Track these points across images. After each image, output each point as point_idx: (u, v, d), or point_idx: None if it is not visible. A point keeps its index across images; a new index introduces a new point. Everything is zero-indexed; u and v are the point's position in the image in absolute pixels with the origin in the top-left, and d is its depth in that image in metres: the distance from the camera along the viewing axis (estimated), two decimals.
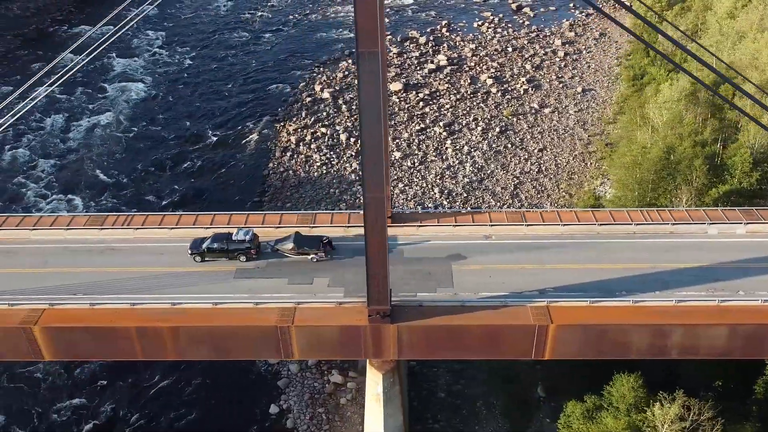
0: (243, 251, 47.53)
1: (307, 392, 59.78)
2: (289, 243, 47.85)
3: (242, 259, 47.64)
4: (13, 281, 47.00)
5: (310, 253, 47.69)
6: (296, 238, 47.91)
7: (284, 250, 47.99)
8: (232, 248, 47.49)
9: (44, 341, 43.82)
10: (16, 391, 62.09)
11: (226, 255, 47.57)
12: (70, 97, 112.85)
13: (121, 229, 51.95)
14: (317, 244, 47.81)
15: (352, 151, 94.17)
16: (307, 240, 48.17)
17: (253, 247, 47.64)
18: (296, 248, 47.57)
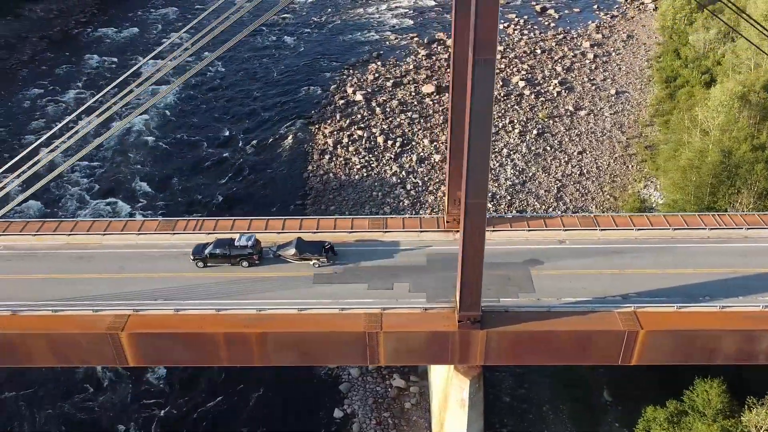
0: (245, 257, 47.59)
1: (370, 396, 59.73)
2: (291, 248, 47.91)
3: (244, 264, 47.61)
4: (92, 287, 46.92)
5: (312, 258, 47.68)
6: (298, 244, 47.96)
7: (286, 255, 48.05)
8: (235, 254, 47.53)
9: (130, 347, 43.74)
10: (83, 399, 61.98)
11: (228, 260, 47.59)
12: (101, 101, 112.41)
13: (193, 233, 51.83)
14: (319, 249, 47.83)
15: (390, 153, 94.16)
16: (309, 245, 48.17)
17: (256, 253, 47.66)
18: (298, 254, 47.66)
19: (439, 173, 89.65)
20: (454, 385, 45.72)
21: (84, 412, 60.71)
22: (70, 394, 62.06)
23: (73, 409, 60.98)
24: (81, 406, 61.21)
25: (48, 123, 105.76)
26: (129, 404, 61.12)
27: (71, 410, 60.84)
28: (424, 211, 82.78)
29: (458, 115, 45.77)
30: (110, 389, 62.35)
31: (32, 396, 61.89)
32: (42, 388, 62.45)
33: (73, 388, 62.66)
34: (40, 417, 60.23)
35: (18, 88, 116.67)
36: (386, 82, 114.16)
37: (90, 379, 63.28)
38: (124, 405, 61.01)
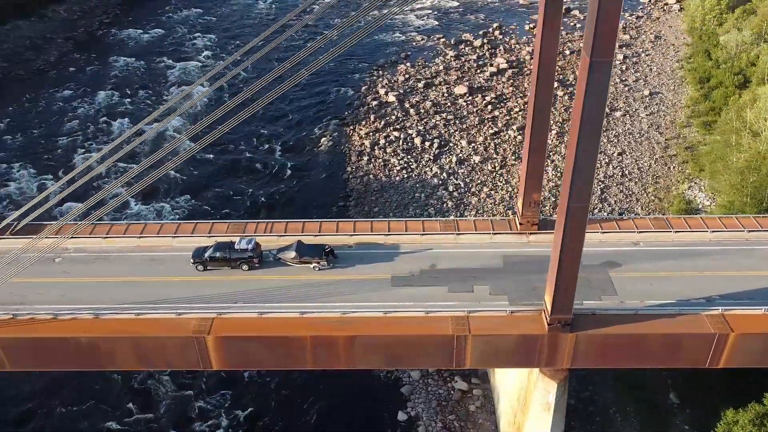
0: (245, 260, 47.76)
1: (433, 399, 59.56)
2: (291, 252, 48.14)
3: (244, 267, 47.74)
4: (170, 290, 46.75)
5: (312, 261, 47.87)
6: (298, 247, 48.16)
7: (286, 258, 48.25)
8: (235, 257, 47.67)
9: (216, 351, 43.63)
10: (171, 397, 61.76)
11: (228, 264, 47.71)
12: (132, 102, 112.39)
13: (265, 236, 51.65)
14: (319, 252, 47.98)
15: (429, 155, 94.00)
16: (309, 249, 48.36)
17: (256, 256, 47.82)
18: (298, 257, 47.83)
19: (479, 175, 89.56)
20: (538, 389, 45.60)
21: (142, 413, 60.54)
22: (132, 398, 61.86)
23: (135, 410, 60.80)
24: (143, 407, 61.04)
25: (81, 125, 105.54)
26: (190, 406, 60.87)
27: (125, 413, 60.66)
28: (469, 213, 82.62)
29: (540, 115, 45.74)
30: (169, 392, 62.08)
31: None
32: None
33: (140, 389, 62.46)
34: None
35: (48, 89, 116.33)
36: (417, 84, 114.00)
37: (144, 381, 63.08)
38: (186, 407, 60.76)
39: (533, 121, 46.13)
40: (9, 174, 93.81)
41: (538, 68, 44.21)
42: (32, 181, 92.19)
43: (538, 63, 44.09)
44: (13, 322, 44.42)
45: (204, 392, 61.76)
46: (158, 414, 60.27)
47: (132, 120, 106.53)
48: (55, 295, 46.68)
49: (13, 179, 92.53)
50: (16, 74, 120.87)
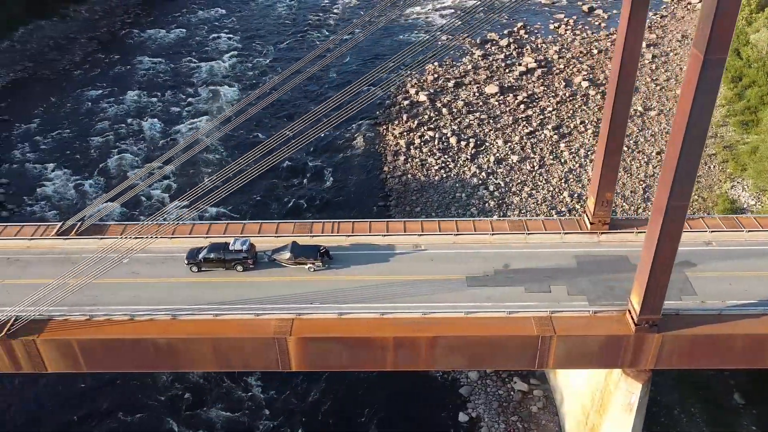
0: (240, 261, 47.48)
1: (494, 400, 59.12)
2: (287, 252, 47.83)
3: (239, 269, 47.45)
4: (242, 290, 46.31)
5: (307, 262, 47.57)
6: (293, 248, 47.88)
7: (281, 259, 47.97)
8: (229, 258, 47.36)
9: (296, 352, 43.27)
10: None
11: (222, 265, 47.41)
12: (161, 102, 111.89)
13: (333, 236, 51.25)
14: (314, 253, 47.69)
15: (466, 154, 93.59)
16: (304, 249, 48.05)
17: (250, 257, 47.53)
18: (293, 258, 47.55)
19: (519, 174, 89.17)
20: (620, 389, 45.19)
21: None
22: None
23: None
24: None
25: (111, 125, 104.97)
26: (243, 405, 60.41)
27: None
28: (512, 213, 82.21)
29: (619, 116, 45.34)
30: (223, 394, 61.64)
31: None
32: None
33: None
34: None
35: (75, 89, 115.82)
36: (447, 83, 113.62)
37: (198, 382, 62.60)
38: (239, 406, 60.31)
39: (611, 122, 45.66)
40: (44, 174, 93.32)
41: (620, 69, 43.73)
42: (68, 181, 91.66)
43: (620, 64, 43.63)
44: (90, 323, 43.93)
45: (257, 391, 61.22)
46: (216, 415, 59.81)
47: (163, 121, 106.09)
48: (126, 296, 46.26)
49: (49, 180, 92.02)
50: (42, 74, 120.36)
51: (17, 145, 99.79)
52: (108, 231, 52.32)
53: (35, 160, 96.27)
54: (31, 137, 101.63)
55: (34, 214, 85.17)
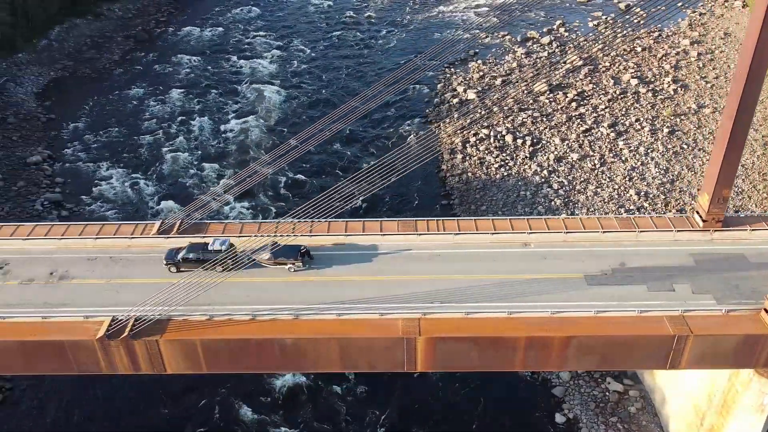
0: (219, 261, 46.35)
1: (590, 401, 58.27)
2: (267, 253, 46.91)
3: (218, 269, 46.23)
4: (356, 290, 45.40)
5: (287, 262, 46.85)
6: (273, 248, 46.90)
7: (261, 260, 47.05)
8: (208, 258, 46.31)
9: (425, 352, 42.46)
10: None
11: (201, 265, 46.27)
12: (206, 101, 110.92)
13: (438, 234, 50.43)
14: (295, 253, 46.95)
15: (524, 152, 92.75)
16: (284, 249, 47.22)
17: (230, 257, 46.39)
18: (273, 258, 46.75)
19: (580, 172, 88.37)
20: (751, 390, 44.38)
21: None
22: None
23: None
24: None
25: (159, 123, 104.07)
26: (332, 407, 59.57)
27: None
28: (579, 211, 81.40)
29: (745, 113, 44.50)
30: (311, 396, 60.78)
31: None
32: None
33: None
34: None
35: (117, 87, 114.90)
36: (494, 81, 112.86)
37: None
38: (328, 407, 59.46)
39: (736, 119, 44.79)
40: (98, 173, 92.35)
41: (750, 72, 42.82)
42: (124, 180, 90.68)
43: (750, 67, 42.71)
44: (210, 323, 43.03)
45: (346, 392, 60.37)
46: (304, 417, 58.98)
47: (212, 120, 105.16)
48: (237, 295, 45.28)
49: (104, 179, 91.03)
50: (82, 73, 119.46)
51: (67, 144, 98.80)
52: (208, 230, 51.34)
53: (87, 159, 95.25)
54: (80, 136, 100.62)
55: (93, 213, 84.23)
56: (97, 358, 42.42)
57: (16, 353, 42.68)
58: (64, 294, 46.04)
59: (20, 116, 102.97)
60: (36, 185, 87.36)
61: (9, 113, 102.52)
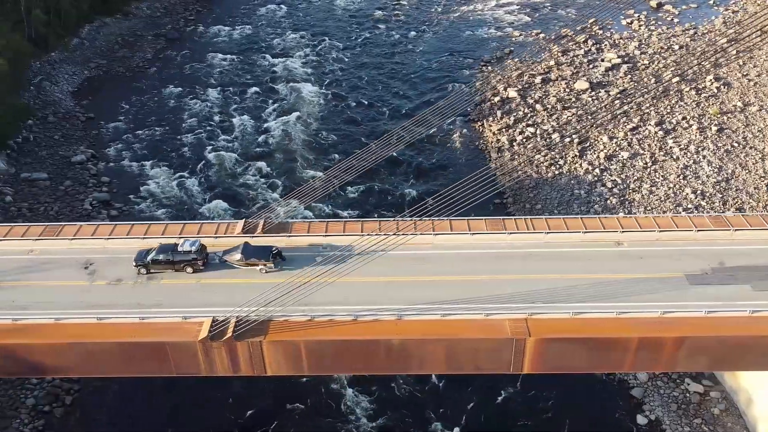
0: (189, 262, 45.93)
1: (671, 402, 57.39)
2: (237, 253, 46.32)
3: (189, 270, 45.91)
4: (442, 290, 44.43)
5: (258, 263, 46.15)
6: (245, 249, 46.43)
7: (232, 260, 46.47)
8: (178, 259, 45.82)
9: (533, 353, 41.63)
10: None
11: (172, 266, 45.93)
12: (244, 99, 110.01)
13: (527, 233, 49.61)
14: (267, 254, 46.19)
15: (573, 151, 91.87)
16: (256, 250, 46.60)
17: (200, 258, 46.01)
18: (244, 259, 46.04)
19: (632, 171, 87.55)
20: None
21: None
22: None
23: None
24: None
25: (200, 121, 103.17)
26: (393, 410, 58.77)
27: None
28: (636, 209, 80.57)
29: None
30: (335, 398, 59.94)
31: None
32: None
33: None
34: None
35: (153, 86, 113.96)
36: (533, 79, 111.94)
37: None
38: (387, 409, 58.63)
39: None
40: (143, 172, 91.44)
41: None
42: (170, 179, 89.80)
43: None
44: (312, 323, 42.12)
45: (429, 393, 59.56)
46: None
47: (252, 118, 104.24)
48: (336, 295, 44.27)
49: (150, 177, 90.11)
50: (117, 72, 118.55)
51: (109, 143, 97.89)
52: (293, 229, 50.45)
53: (131, 158, 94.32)
54: (121, 135, 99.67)
55: (142, 213, 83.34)
56: (198, 359, 41.51)
57: (115, 355, 41.81)
58: (156, 294, 45.13)
59: (59, 115, 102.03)
60: (83, 184, 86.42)
61: (48, 112, 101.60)
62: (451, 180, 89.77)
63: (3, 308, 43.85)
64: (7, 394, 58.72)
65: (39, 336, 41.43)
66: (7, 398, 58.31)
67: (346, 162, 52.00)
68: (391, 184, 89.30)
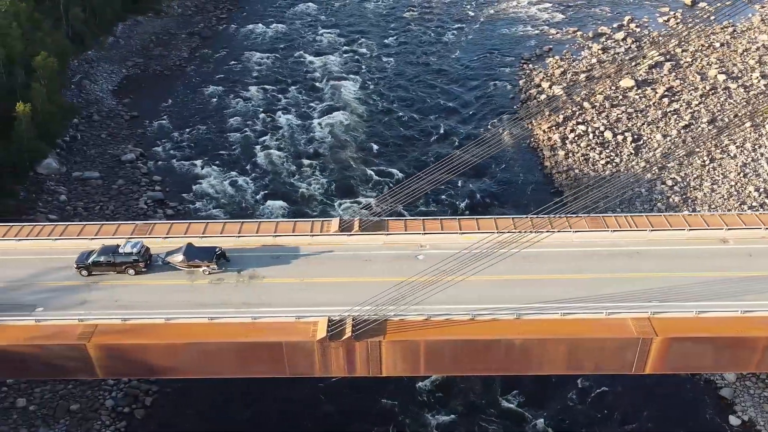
0: (130, 264, 45.01)
1: (764, 403, 56.56)
2: (179, 255, 45.29)
3: (131, 272, 45.06)
4: (549, 288, 43.50)
5: (201, 265, 45.09)
6: (187, 250, 45.36)
7: (174, 262, 45.47)
8: (119, 261, 44.94)
9: (658, 353, 40.59)
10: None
11: (113, 268, 45.08)
12: (287, 97, 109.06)
13: (629, 231, 48.75)
14: (210, 255, 45.15)
15: (626, 149, 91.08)
16: (199, 251, 45.58)
17: (142, 260, 45.07)
18: (186, 260, 45.03)
19: (690, 168, 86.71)
20: None
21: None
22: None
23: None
24: None
25: (245, 120, 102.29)
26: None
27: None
28: (700, 207, 79.73)
29: None
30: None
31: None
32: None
33: None
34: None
35: (192, 84, 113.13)
36: (576, 77, 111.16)
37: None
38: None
39: None
40: (194, 171, 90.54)
41: None
42: (222, 178, 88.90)
43: None
44: (429, 323, 41.19)
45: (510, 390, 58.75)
46: None
47: (297, 116, 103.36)
48: (444, 293, 43.22)
49: (202, 177, 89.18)
50: (154, 70, 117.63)
51: (155, 141, 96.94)
52: (390, 227, 49.49)
53: (180, 157, 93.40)
54: (167, 134, 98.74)
55: (198, 212, 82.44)
56: (314, 360, 40.58)
57: (230, 355, 40.85)
58: (260, 293, 44.21)
59: (103, 113, 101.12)
60: (135, 183, 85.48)
61: (92, 111, 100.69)
62: (505, 178, 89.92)
63: (108, 308, 42.86)
64: (85, 395, 57.78)
65: (154, 336, 40.44)
66: (85, 400, 57.36)
67: (435, 166, 50.73)
68: (445, 183, 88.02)
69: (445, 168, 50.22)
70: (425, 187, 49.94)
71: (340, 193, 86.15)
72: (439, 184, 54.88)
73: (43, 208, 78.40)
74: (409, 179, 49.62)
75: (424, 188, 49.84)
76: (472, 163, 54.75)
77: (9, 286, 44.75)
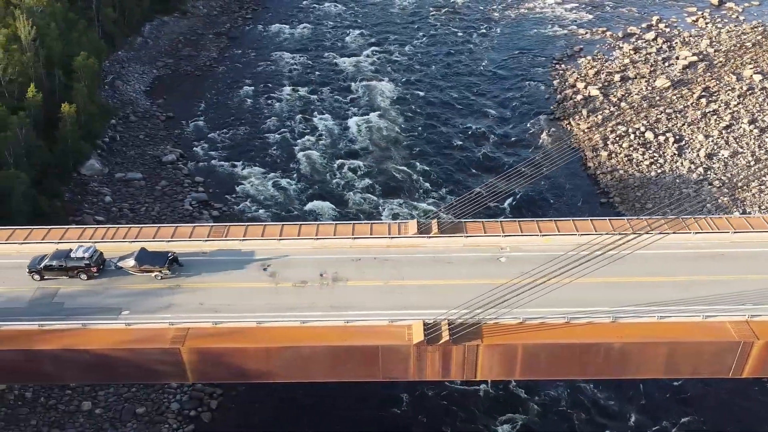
0: (83, 269, 44.72)
1: None
2: (131, 260, 45.03)
3: (83, 277, 44.79)
4: (656, 291, 43.08)
5: (153, 270, 44.84)
6: (139, 255, 45.06)
7: (126, 267, 45.22)
8: (71, 266, 44.63)
9: (758, 357, 40.09)
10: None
11: (65, 273, 44.78)
12: (320, 98, 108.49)
13: (710, 233, 48.17)
14: (162, 260, 44.81)
15: (670, 149, 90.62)
16: (150, 256, 45.25)
17: (94, 265, 44.76)
18: (138, 265, 44.76)
19: (735, 169, 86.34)
20: None
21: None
22: None
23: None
24: None
25: (281, 121, 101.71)
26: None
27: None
28: (750, 209, 79.38)
29: None
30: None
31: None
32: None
33: None
34: None
35: (224, 85, 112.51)
36: (610, 77, 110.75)
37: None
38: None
39: None
40: (235, 172, 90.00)
41: None
42: (264, 179, 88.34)
43: None
44: (524, 326, 40.89)
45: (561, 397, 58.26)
46: None
47: (333, 117, 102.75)
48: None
49: (244, 178, 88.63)
50: (185, 70, 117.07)
51: (194, 142, 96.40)
52: (468, 229, 49.01)
53: (220, 158, 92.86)
54: (205, 135, 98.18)
55: (243, 213, 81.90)
56: (409, 364, 40.14)
57: (325, 359, 40.34)
58: (345, 296, 43.73)
59: (139, 114, 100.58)
60: (178, 185, 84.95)
61: (128, 111, 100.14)
62: (550, 177, 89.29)
63: (195, 311, 42.35)
64: (150, 399, 57.24)
65: (248, 340, 39.92)
66: (151, 403, 56.82)
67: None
68: (475, 183, 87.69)
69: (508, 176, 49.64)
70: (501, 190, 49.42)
71: (385, 194, 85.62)
72: (506, 193, 54.35)
73: (89, 210, 77.85)
74: (479, 185, 48.82)
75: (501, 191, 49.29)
76: (537, 176, 54.41)
77: (92, 290, 44.25)
